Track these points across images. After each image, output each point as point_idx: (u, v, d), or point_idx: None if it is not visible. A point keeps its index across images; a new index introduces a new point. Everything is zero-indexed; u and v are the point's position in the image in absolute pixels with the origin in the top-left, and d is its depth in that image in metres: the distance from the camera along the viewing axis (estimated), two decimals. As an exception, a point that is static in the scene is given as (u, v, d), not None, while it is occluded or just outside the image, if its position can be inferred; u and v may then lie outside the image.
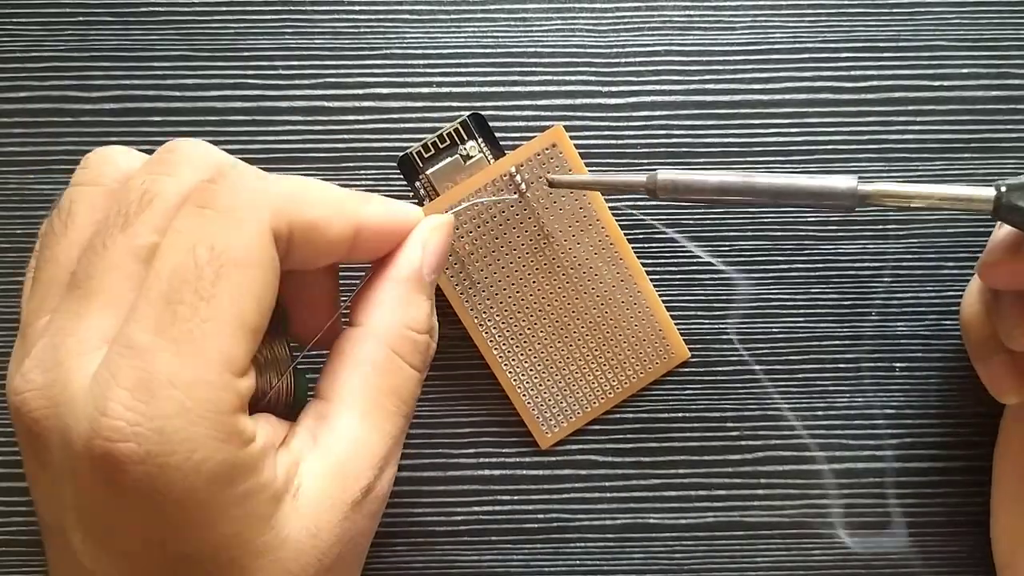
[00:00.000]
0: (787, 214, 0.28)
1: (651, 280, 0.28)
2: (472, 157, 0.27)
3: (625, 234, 0.28)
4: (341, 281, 0.24)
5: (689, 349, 0.28)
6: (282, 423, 0.21)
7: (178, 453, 0.18)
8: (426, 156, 0.26)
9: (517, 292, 0.27)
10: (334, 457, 0.20)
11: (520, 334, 0.27)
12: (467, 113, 0.26)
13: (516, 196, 0.26)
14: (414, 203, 0.27)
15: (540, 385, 0.28)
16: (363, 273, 0.23)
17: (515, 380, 0.28)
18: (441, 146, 0.26)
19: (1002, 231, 0.23)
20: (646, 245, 0.28)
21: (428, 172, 0.26)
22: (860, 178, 0.22)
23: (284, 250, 0.20)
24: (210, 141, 0.27)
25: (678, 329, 0.28)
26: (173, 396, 0.18)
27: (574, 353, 0.28)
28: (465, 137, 0.27)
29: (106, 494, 0.18)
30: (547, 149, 0.26)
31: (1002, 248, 0.23)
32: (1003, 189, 0.21)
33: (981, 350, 0.25)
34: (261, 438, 0.19)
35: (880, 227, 0.28)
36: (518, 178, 0.26)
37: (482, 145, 0.27)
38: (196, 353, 0.18)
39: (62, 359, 0.19)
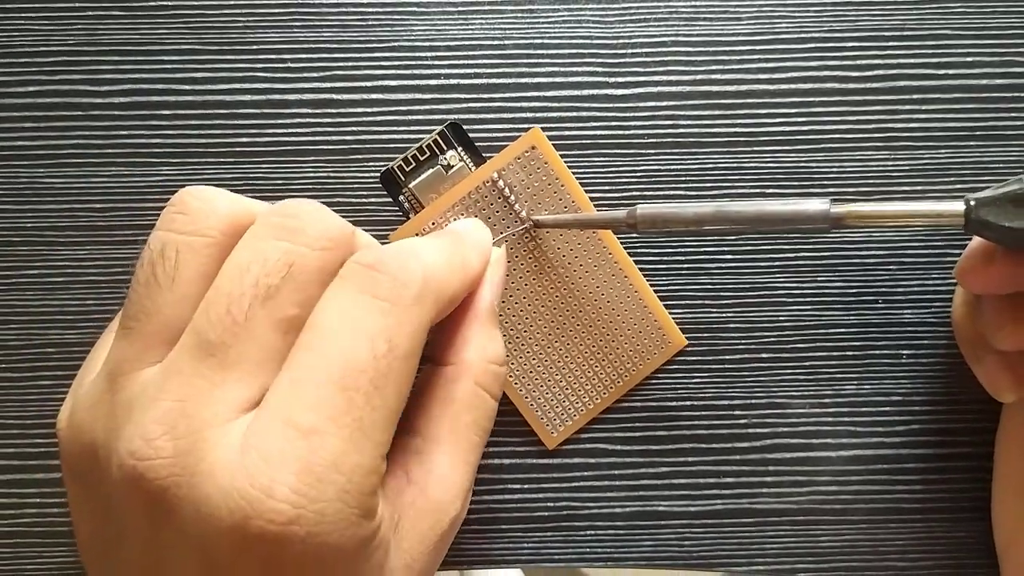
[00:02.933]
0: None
1: (655, 270, 0.28)
2: (453, 166, 0.27)
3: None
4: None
5: (695, 338, 0.28)
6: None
7: (333, 533, 0.18)
8: (407, 170, 0.27)
9: (510, 296, 0.27)
10: (429, 494, 0.22)
11: (517, 338, 0.28)
12: (445, 123, 0.27)
13: (530, 224, 0.27)
14: (400, 218, 0.27)
15: (541, 386, 0.28)
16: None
17: (516, 383, 0.28)
18: (421, 158, 0.27)
19: (976, 238, 0.24)
20: (649, 236, 0.28)
21: (411, 185, 0.27)
22: (832, 199, 0.22)
23: None
24: (219, 134, 0.28)
25: (685, 319, 0.28)
26: (336, 481, 0.18)
27: (572, 351, 0.28)
28: (444, 147, 0.27)
29: (255, 570, 0.18)
30: (527, 152, 0.27)
31: (976, 254, 0.23)
32: (972, 203, 0.21)
33: (973, 351, 0.26)
34: (382, 504, 0.20)
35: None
36: (502, 183, 0.26)
37: (462, 153, 0.27)
38: (363, 440, 0.19)
39: (198, 428, 0.19)
